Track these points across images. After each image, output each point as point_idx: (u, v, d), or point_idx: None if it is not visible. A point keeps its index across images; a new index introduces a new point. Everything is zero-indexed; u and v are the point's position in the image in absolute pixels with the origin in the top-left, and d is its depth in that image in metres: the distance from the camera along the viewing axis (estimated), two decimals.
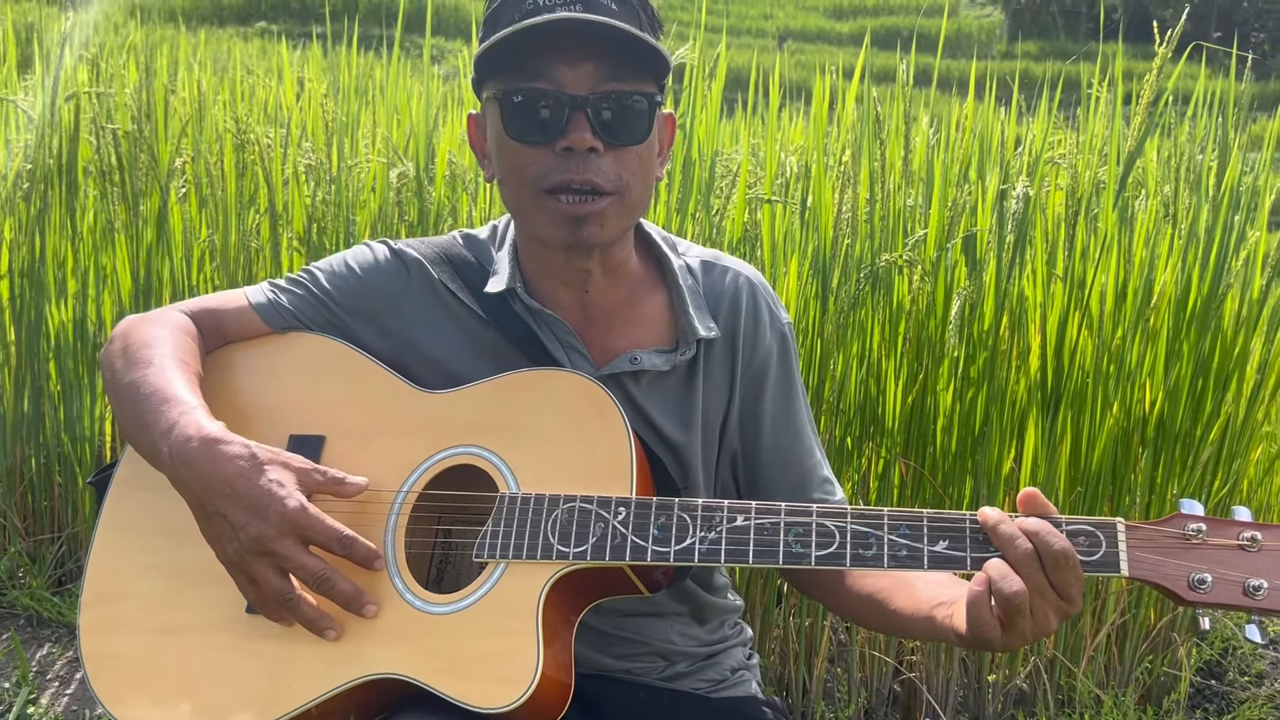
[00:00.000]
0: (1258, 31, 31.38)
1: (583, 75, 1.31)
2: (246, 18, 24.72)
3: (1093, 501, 2.71)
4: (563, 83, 1.31)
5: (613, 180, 1.34)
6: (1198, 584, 1.14)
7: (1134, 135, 2.53)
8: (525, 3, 1.32)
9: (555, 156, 1.32)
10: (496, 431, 1.37)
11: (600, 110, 1.32)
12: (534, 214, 1.37)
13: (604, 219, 1.35)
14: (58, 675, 2.86)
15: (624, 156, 1.35)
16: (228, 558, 1.27)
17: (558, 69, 1.31)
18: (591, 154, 1.32)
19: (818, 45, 27.48)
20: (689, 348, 1.47)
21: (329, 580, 1.26)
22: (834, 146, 2.91)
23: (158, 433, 1.31)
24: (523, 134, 1.34)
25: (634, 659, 1.55)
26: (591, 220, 1.34)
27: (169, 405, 1.32)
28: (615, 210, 1.36)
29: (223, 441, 1.27)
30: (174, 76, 3.63)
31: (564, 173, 1.32)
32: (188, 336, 1.47)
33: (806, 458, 1.55)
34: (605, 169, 1.33)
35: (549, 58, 1.31)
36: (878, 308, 2.71)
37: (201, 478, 1.26)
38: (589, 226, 1.34)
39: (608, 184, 1.33)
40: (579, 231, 1.35)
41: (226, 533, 1.25)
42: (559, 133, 1.31)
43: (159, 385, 1.35)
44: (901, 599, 1.36)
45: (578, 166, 1.32)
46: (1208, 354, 2.67)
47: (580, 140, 1.31)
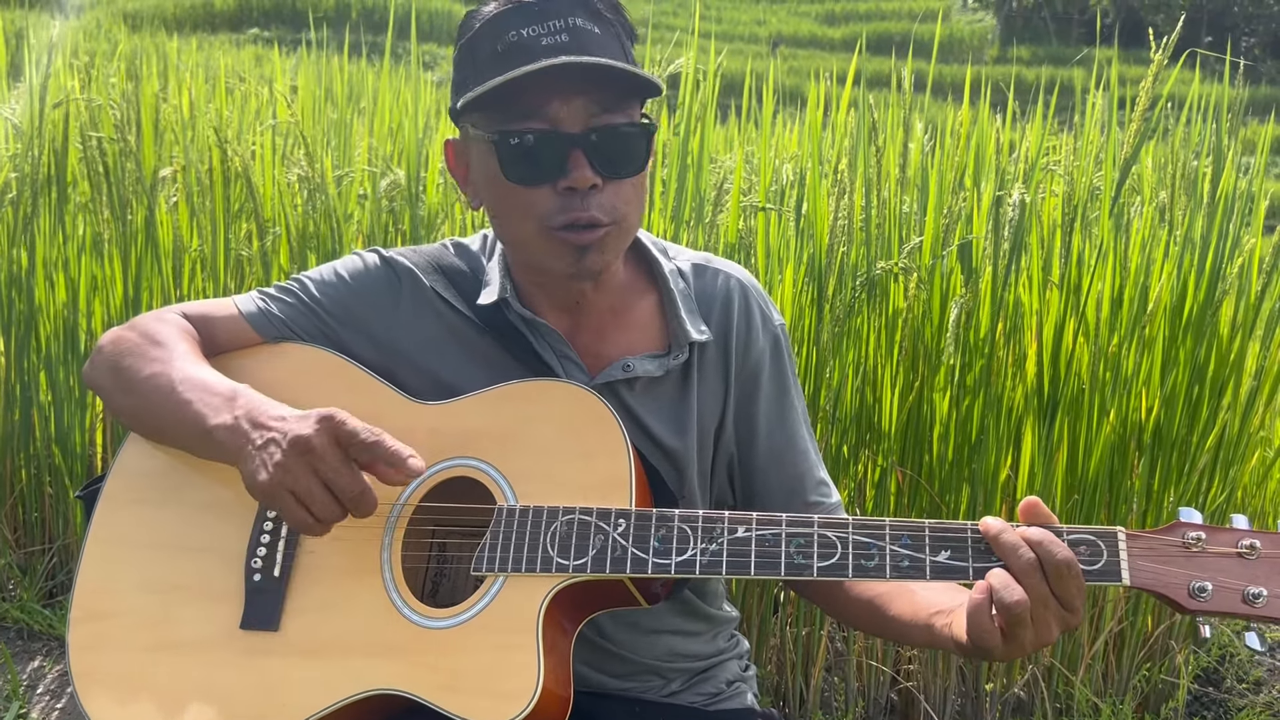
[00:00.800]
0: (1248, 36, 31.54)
1: (575, 110, 1.31)
2: (239, 24, 24.73)
3: (1089, 509, 2.71)
4: (557, 119, 1.31)
5: (609, 213, 1.34)
6: (1198, 592, 1.14)
7: (1130, 142, 2.53)
8: (509, 35, 1.30)
9: (557, 195, 1.32)
10: (493, 443, 1.36)
11: (597, 146, 1.31)
12: (537, 248, 1.37)
13: (604, 246, 1.36)
14: (48, 689, 2.84)
15: (621, 188, 1.35)
16: (271, 478, 1.23)
17: (551, 105, 1.30)
18: (592, 190, 1.32)
19: (810, 51, 27.55)
20: (681, 351, 1.47)
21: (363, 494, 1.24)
22: (829, 153, 2.91)
23: (207, 407, 1.31)
24: (522, 177, 1.33)
25: (629, 678, 1.53)
26: (593, 249, 1.34)
27: (212, 384, 1.33)
28: (613, 237, 1.36)
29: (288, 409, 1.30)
30: (165, 85, 3.62)
31: (569, 212, 1.32)
32: (189, 336, 1.46)
33: (802, 460, 1.54)
34: (604, 202, 1.33)
35: (540, 95, 1.30)
36: (873, 315, 2.70)
37: (260, 419, 1.27)
38: (591, 255, 1.35)
39: (606, 217, 1.34)
40: (582, 262, 1.35)
41: (272, 452, 1.24)
42: (560, 173, 1.31)
43: (192, 370, 1.36)
44: (900, 605, 1.35)
45: (582, 204, 1.32)
46: (1204, 361, 2.67)
47: (582, 179, 1.31)
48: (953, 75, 13.18)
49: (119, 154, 2.99)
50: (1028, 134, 2.98)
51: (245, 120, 3.65)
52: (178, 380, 1.34)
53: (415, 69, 3.26)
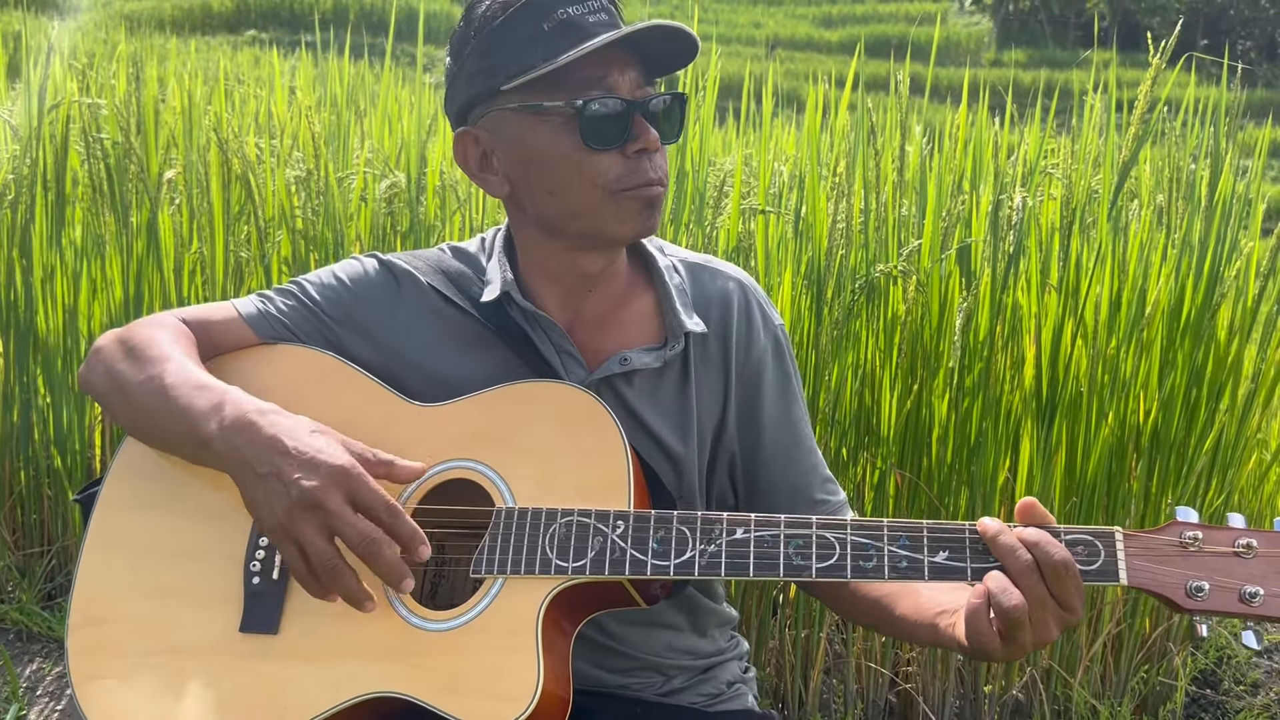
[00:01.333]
0: (1244, 39, 31.59)
1: (630, 80, 1.38)
2: (237, 26, 24.74)
3: (1088, 511, 2.71)
4: (617, 89, 1.37)
5: (663, 175, 1.41)
6: (1195, 592, 1.14)
7: (1128, 146, 2.53)
8: (556, 13, 1.35)
9: (626, 159, 1.37)
10: (492, 445, 1.36)
11: (654, 111, 1.39)
12: (606, 213, 1.40)
13: (662, 205, 1.43)
14: (47, 691, 2.84)
15: (664, 152, 1.43)
16: (276, 520, 1.23)
17: (612, 76, 1.36)
18: (656, 153, 1.39)
19: (807, 53, 27.57)
20: (677, 342, 1.47)
21: (375, 544, 1.22)
22: (827, 157, 2.91)
23: (198, 413, 1.30)
24: (602, 141, 1.37)
25: (630, 674, 1.54)
26: (658, 205, 1.41)
27: (206, 390, 1.33)
28: (663, 199, 1.43)
29: (279, 413, 1.29)
30: (164, 87, 3.63)
31: (643, 173, 1.38)
32: (186, 339, 1.46)
33: (807, 457, 1.55)
34: (660, 165, 1.41)
35: (600, 67, 1.35)
36: (872, 318, 2.70)
37: (257, 442, 1.26)
38: (656, 212, 1.41)
39: (665, 178, 1.42)
40: (651, 219, 1.41)
41: (277, 492, 1.23)
42: (629, 136, 1.37)
43: (186, 374, 1.35)
44: (905, 605, 1.36)
45: (651, 165, 1.39)
46: (1201, 364, 2.68)
47: (653, 141, 1.38)
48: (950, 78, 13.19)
49: (121, 155, 3.00)
50: (1026, 137, 2.99)
51: (244, 122, 3.66)
52: (170, 385, 1.34)
53: (418, 71, 3.26)
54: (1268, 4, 31.42)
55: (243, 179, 2.95)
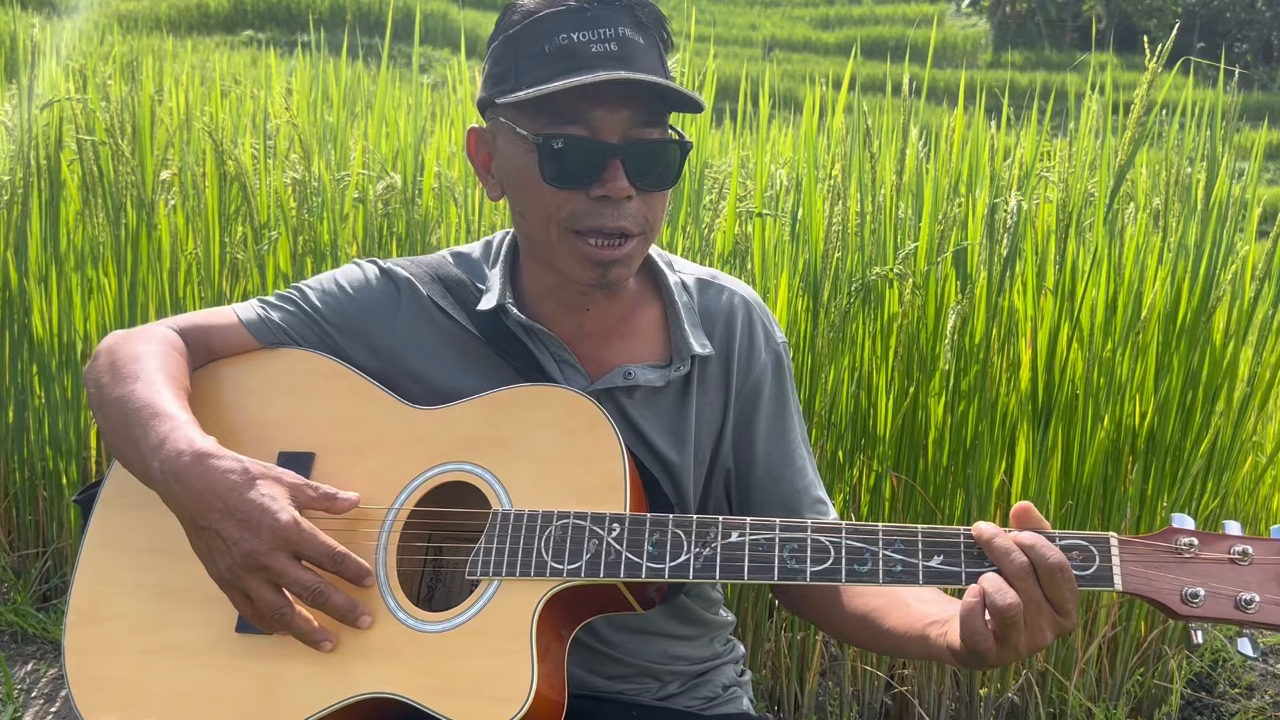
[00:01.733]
0: (1240, 42, 31.64)
1: (618, 121, 1.32)
2: (233, 26, 24.72)
3: (1083, 514, 2.71)
4: (599, 128, 1.31)
5: (640, 224, 1.36)
6: (1190, 598, 1.14)
7: (1124, 149, 2.53)
8: (558, 37, 1.31)
9: (589, 201, 1.33)
10: (489, 448, 1.37)
11: (636, 158, 1.33)
12: (561, 252, 1.37)
13: (630, 260, 1.37)
14: (42, 693, 2.84)
15: (652, 200, 1.36)
16: (219, 574, 1.25)
17: (595, 114, 1.31)
18: (625, 200, 1.33)
19: (804, 55, 27.60)
20: (683, 364, 1.47)
21: (322, 594, 1.24)
22: (824, 159, 2.91)
23: (147, 448, 1.29)
24: (560, 179, 1.33)
25: (626, 680, 1.54)
26: (619, 264, 1.36)
27: (159, 420, 1.31)
28: (639, 249, 1.38)
29: (215, 456, 1.26)
30: (160, 88, 3.62)
31: (599, 218, 1.33)
32: (175, 352, 1.45)
33: (799, 478, 1.54)
34: (634, 213, 1.34)
35: (586, 102, 1.31)
36: (869, 321, 2.71)
37: (193, 492, 1.25)
38: (616, 269, 1.36)
39: (636, 228, 1.35)
40: (607, 274, 1.36)
41: (219, 548, 1.24)
42: (596, 179, 1.32)
43: (148, 400, 1.34)
44: (895, 618, 1.35)
45: (613, 213, 1.33)
46: (1197, 367, 2.68)
47: (619, 189, 1.32)
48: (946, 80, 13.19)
49: (112, 157, 2.99)
50: (1022, 139, 2.99)
51: (240, 123, 3.65)
52: (131, 411, 1.33)
53: (415, 72, 3.26)
54: (1264, 7, 31.48)
55: (239, 180, 2.95)
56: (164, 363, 1.41)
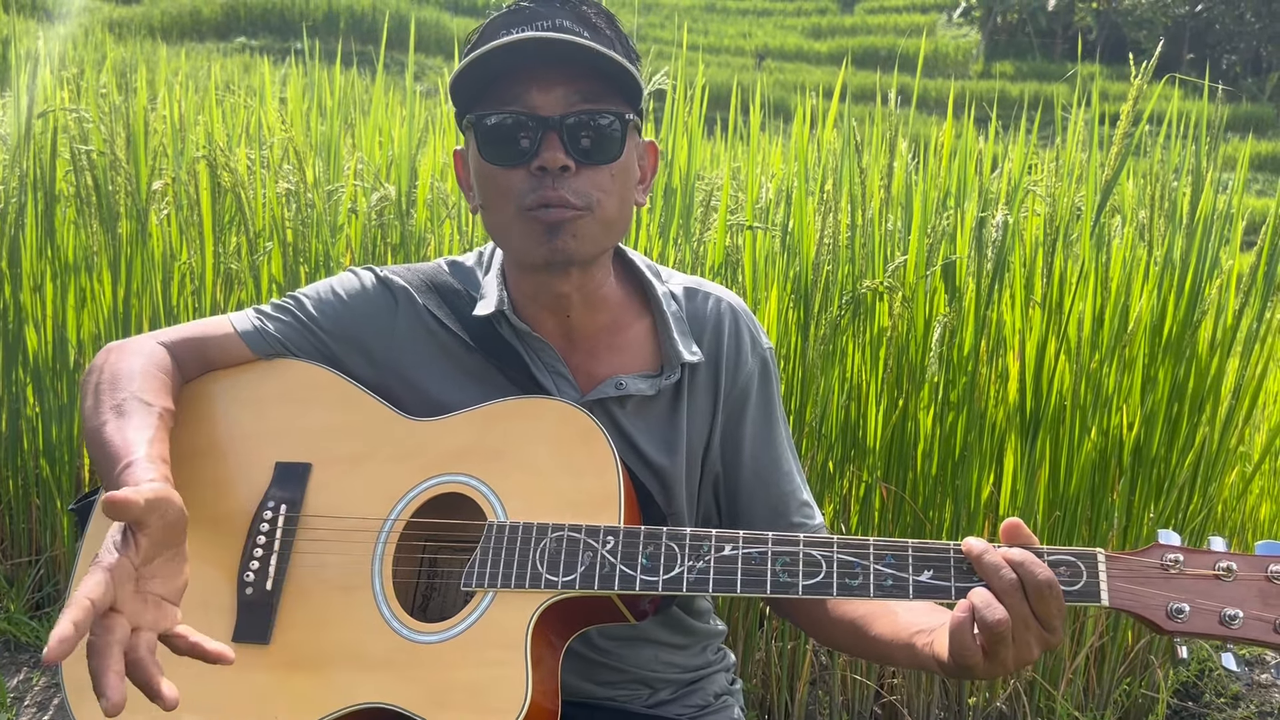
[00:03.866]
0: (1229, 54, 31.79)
1: (555, 98, 1.34)
2: (226, 33, 24.69)
3: (1071, 526, 2.73)
4: (535, 106, 1.34)
5: (583, 197, 1.36)
6: (1176, 614, 1.16)
7: (1111, 164, 2.56)
8: (500, 33, 1.35)
9: (531, 177, 1.35)
10: (484, 460, 1.38)
11: (571, 129, 1.35)
12: (514, 233, 1.39)
13: (577, 230, 1.36)
14: (35, 701, 2.84)
15: (596, 175, 1.37)
16: None
17: (530, 93, 1.34)
18: (564, 172, 1.35)
19: (796, 64, 27.66)
20: (673, 372, 1.49)
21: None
22: (815, 171, 2.93)
23: (109, 482, 1.28)
24: (498, 157, 1.36)
25: (618, 686, 1.55)
26: (563, 230, 1.36)
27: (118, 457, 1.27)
28: (588, 226, 1.37)
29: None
30: (154, 97, 3.63)
31: (539, 191, 1.35)
32: (160, 371, 1.45)
33: (785, 482, 1.56)
34: (577, 187, 1.35)
35: (521, 84, 1.34)
36: (859, 333, 2.72)
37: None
38: (562, 237, 1.36)
39: (578, 199, 1.36)
40: (553, 243, 1.36)
41: None
42: (533, 154, 1.34)
43: (111, 434, 1.32)
44: (882, 626, 1.37)
45: (552, 184, 1.34)
46: (1183, 380, 2.70)
47: (552, 159, 1.33)
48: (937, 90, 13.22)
49: (107, 167, 3.00)
50: (1011, 151, 3.01)
51: (234, 132, 3.66)
52: (101, 442, 1.32)
53: (409, 80, 3.27)
54: (1253, 19, 31.66)
55: (232, 191, 2.96)
56: (141, 386, 1.40)
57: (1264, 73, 29.53)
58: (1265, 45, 31.50)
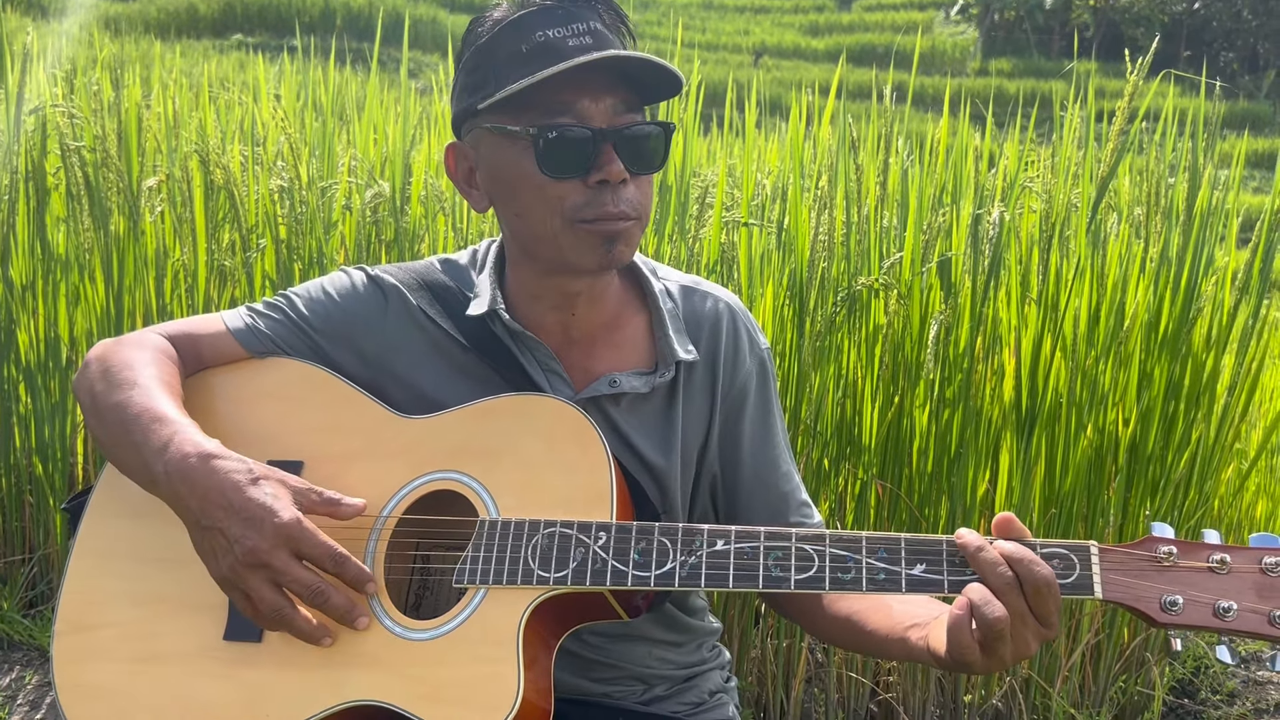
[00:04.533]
0: (1226, 51, 31.82)
1: (604, 108, 1.34)
2: (222, 30, 24.67)
3: (1067, 522, 2.73)
4: (587, 117, 1.33)
5: (636, 207, 1.37)
6: (1169, 606, 1.16)
7: (1107, 161, 2.56)
8: (535, 35, 1.33)
9: (587, 189, 1.34)
10: (477, 457, 1.37)
11: (628, 142, 1.35)
12: (566, 242, 1.37)
13: (630, 239, 1.38)
14: (27, 699, 2.83)
15: (642, 183, 1.38)
16: (222, 573, 1.25)
17: (581, 103, 1.33)
18: (622, 185, 1.35)
19: (793, 61, 27.66)
20: (668, 370, 1.48)
21: (322, 594, 1.25)
22: (810, 168, 2.93)
23: (150, 451, 1.30)
24: (558, 170, 1.35)
25: (612, 683, 1.55)
26: (620, 239, 1.37)
27: (160, 424, 1.32)
28: (635, 231, 1.40)
29: (220, 456, 1.27)
30: (148, 94, 3.62)
31: (601, 205, 1.34)
32: (167, 359, 1.46)
33: (784, 482, 1.55)
34: (630, 197, 1.36)
35: (572, 93, 1.33)
36: (854, 330, 2.72)
37: (198, 492, 1.25)
38: (619, 246, 1.37)
39: (633, 210, 1.37)
40: (611, 252, 1.37)
41: (221, 546, 1.24)
42: (593, 166, 1.34)
43: (146, 405, 1.34)
44: (877, 620, 1.37)
45: (613, 198, 1.35)
46: (1179, 376, 2.70)
47: (615, 173, 1.33)
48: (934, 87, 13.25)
49: (98, 164, 2.99)
50: (1007, 149, 3.01)
51: (229, 129, 3.65)
52: (131, 417, 1.34)
53: (404, 77, 3.26)
54: (1250, 16, 31.68)
55: (225, 188, 2.95)
56: (158, 370, 1.42)
57: (1261, 70, 29.55)
58: (1262, 43, 31.54)
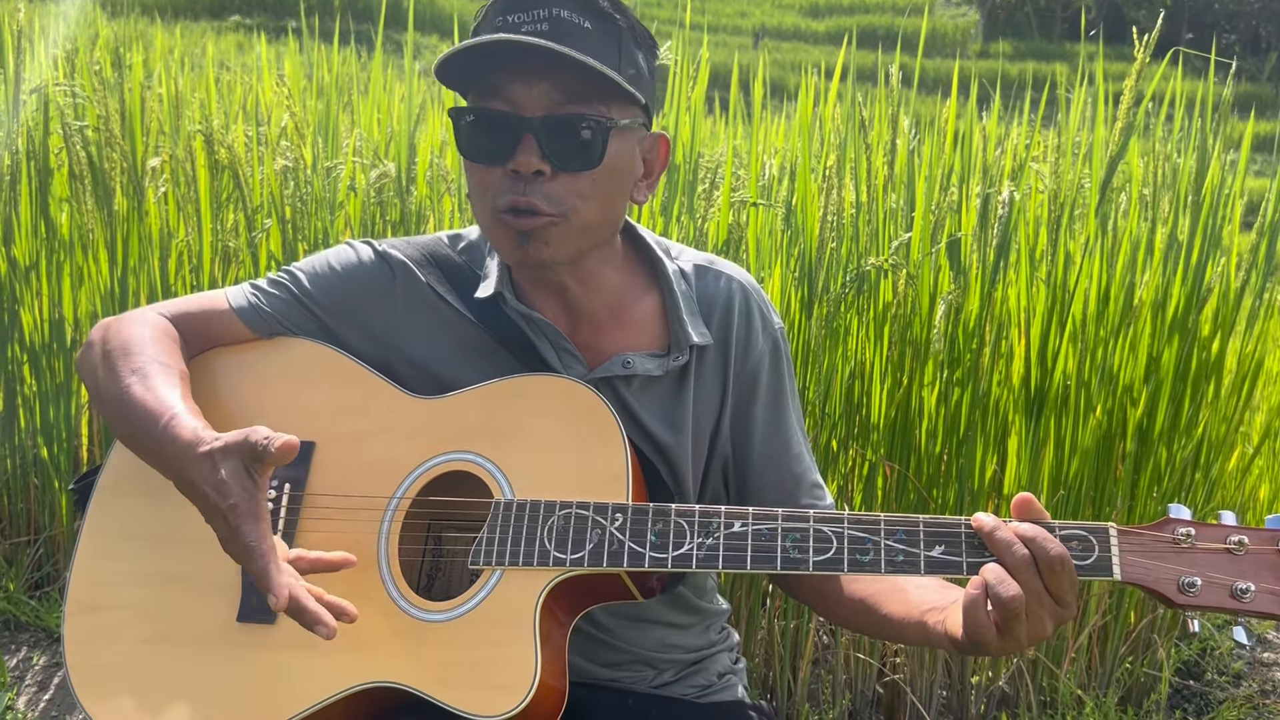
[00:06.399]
0: (1229, 33, 31.72)
1: (538, 95, 1.30)
2: (220, 12, 24.55)
3: (1075, 505, 2.73)
4: (518, 102, 1.30)
5: (557, 203, 1.32)
6: (1187, 587, 1.15)
7: (1115, 140, 2.54)
8: (495, 19, 1.31)
9: (506, 177, 1.32)
10: (490, 437, 1.36)
11: (549, 133, 1.30)
12: (491, 231, 1.38)
13: (548, 238, 1.33)
14: (35, 680, 2.83)
15: (575, 182, 1.32)
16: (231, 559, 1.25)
17: (514, 87, 1.30)
18: (538, 177, 1.31)
19: (794, 43, 27.56)
20: (682, 353, 1.47)
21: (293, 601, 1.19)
22: (818, 149, 2.92)
23: (150, 446, 1.30)
24: (474, 154, 1.34)
25: (621, 667, 1.54)
26: (535, 237, 1.32)
27: (155, 415, 1.30)
28: (561, 232, 1.33)
29: (195, 444, 1.25)
30: (149, 75, 3.59)
31: (511, 194, 1.31)
32: (167, 337, 1.45)
33: (796, 464, 1.54)
34: (551, 192, 1.31)
35: (506, 75, 1.31)
36: (863, 311, 2.71)
37: (192, 485, 1.25)
38: (534, 244, 1.33)
39: (550, 207, 1.31)
40: (525, 248, 1.33)
41: (222, 537, 1.24)
42: (509, 155, 1.31)
43: (140, 394, 1.33)
44: (893, 604, 1.36)
45: (524, 188, 1.31)
46: (1186, 360, 2.69)
47: (525, 164, 1.30)
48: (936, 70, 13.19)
49: (102, 144, 2.97)
50: (1013, 130, 2.99)
51: (231, 109, 3.64)
52: (131, 402, 1.33)
53: (408, 59, 3.25)
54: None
55: (230, 168, 2.93)
56: (157, 351, 1.40)
57: (1263, 53, 29.45)
58: (1264, 24, 31.41)
